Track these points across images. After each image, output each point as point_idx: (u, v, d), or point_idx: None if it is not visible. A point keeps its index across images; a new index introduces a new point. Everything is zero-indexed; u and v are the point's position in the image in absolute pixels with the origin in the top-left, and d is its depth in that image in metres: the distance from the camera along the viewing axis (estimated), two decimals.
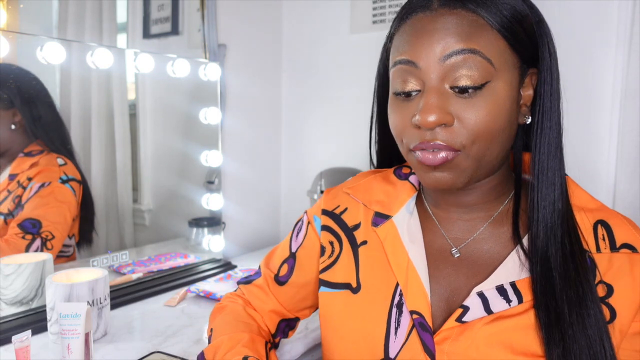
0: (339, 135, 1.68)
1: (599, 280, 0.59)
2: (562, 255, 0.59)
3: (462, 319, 0.60)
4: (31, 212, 1.10)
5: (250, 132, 1.68)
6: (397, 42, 0.63)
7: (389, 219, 0.70)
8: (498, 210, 0.66)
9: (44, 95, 1.14)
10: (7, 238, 1.07)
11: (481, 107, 0.57)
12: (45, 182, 1.13)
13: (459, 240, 0.67)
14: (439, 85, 0.58)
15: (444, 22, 0.58)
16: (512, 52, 0.59)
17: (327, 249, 0.74)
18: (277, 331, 0.81)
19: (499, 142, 0.60)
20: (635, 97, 1.19)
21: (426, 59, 0.58)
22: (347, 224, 0.74)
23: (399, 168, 0.76)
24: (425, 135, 0.58)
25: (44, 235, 1.11)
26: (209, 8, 1.44)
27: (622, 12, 1.19)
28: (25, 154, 1.12)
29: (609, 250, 0.60)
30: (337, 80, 1.67)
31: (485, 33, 0.58)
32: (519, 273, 0.61)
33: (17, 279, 1.00)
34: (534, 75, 0.63)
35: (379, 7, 1.57)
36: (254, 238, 1.69)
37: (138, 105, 1.37)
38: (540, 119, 0.62)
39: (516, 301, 0.59)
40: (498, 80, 0.58)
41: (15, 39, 1.02)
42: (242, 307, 0.80)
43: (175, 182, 1.49)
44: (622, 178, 1.22)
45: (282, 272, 0.80)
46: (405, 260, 0.66)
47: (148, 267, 1.31)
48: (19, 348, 0.74)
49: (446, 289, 0.64)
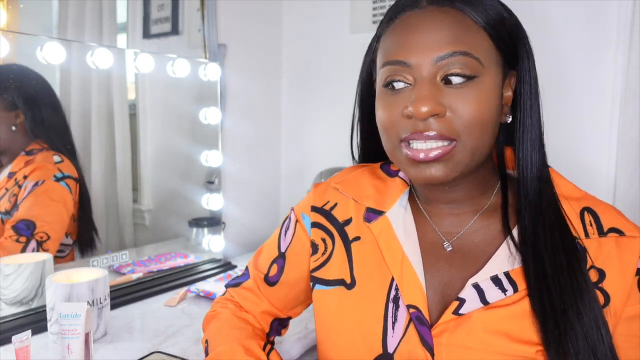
0: (339, 135, 1.67)
1: (591, 265, 0.60)
2: (552, 243, 0.60)
3: (458, 311, 0.61)
4: (25, 213, 1.09)
5: (250, 132, 1.68)
6: (386, 42, 0.64)
7: (383, 214, 0.70)
8: (486, 204, 0.68)
9: (48, 96, 1.14)
10: (1, 241, 1.06)
11: (472, 98, 0.58)
12: (39, 181, 1.12)
13: (450, 234, 0.68)
14: (431, 79, 0.59)
15: (433, 21, 0.60)
16: (497, 51, 0.62)
17: (320, 246, 0.74)
18: (271, 330, 0.81)
19: (489, 135, 0.61)
20: (635, 97, 1.19)
21: (418, 59, 0.59)
22: (337, 219, 0.74)
23: (386, 164, 0.76)
24: (417, 125, 0.59)
25: (38, 237, 1.09)
26: (209, 8, 1.44)
27: (622, 12, 1.19)
28: (26, 153, 1.12)
29: (597, 235, 0.62)
30: (337, 80, 1.67)
31: (473, 33, 0.60)
32: (511, 263, 0.62)
33: (17, 279, 1.00)
34: (513, 77, 0.65)
35: (379, 7, 1.57)
36: (254, 238, 1.69)
37: (138, 105, 1.37)
38: (521, 116, 0.64)
39: (511, 290, 0.60)
40: (485, 76, 0.60)
41: (15, 39, 1.02)
42: (233, 313, 0.80)
43: (175, 182, 1.49)
44: (622, 178, 1.22)
45: (272, 273, 0.79)
46: (400, 255, 0.66)
47: (148, 267, 1.31)
48: (19, 348, 0.74)
49: (440, 282, 0.65)
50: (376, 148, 0.75)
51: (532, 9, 1.28)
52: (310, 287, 0.78)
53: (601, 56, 1.23)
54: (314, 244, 0.75)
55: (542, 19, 1.29)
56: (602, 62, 1.23)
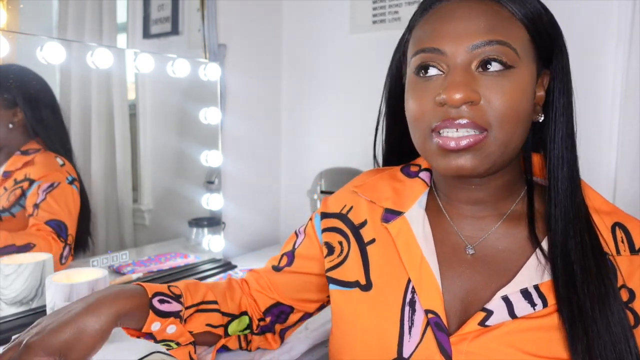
0: (339, 135, 1.68)
1: (622, 284, 0.58)
2: (582, 251, 0.58)
3: (485, 322, 0.58)
4: (53, 213, 1.11)
5: (250, 132, 1.68)
6: (420, 31, 0.62)
7: (401, 215, 0.69)
8: (510, 209, 0.65)
9: (48, 96, 1.14)
10: (44, 235, 1.08)
11: (508, 88, 0.57)
12: (55, 183, 1.13)
13: (472, 239, 0.65)
14: (466, 66, 0.58)
15: (470, 11, 0.58)
16: (533, 46, 0.60)
17: (336, 248, 0.73)
18: (269, 311, 0.80)
19: (521, 130, 0.59)
20: (635, 97, 1.19)
21: (452, 46, 0.58)
22: (353, 222, 0.73)
23: (407, 167, 0.75)
24: (450, 112, 0.57)
25: (70, 240, 1.13)
26: (209, 8, 1.44)
27: (622, 12, 1.19)
28: (22, 152, 1.12)
29: (629, 253, 0.59)
30: (337, 81, 1.67)
31: (510, 24, 0.58)
32: (540, 276, 0.60)
33: (17, 279, 1.00)
34: (546, 77, 0.63)
35: (379, 7, 1.56)
36: (254, 238, 1.69)
37: (138, 105, 1.37)
38: (554, 116, 0.62)
39: (541, 305, 0.58)
40: (522, 68, 0.58)
41: (15, 39, 1.02)
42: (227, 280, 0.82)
43: (175, 182, 1.49)
44: (622, 178, 1.22)
45: (282, 263, 0.81)
46: (419, 257, 0.64)
47: (148, 267, 1.31)
48: None
49: (460, 288, 0.63)
50: (400, 148, 0.74)
51: None
52: (321, 287, 0.78)
53: (601, 56, 1.23)
54: (329, 246, 0.74)
55: None
56: (602, 62, 1.23)
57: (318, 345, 1.01)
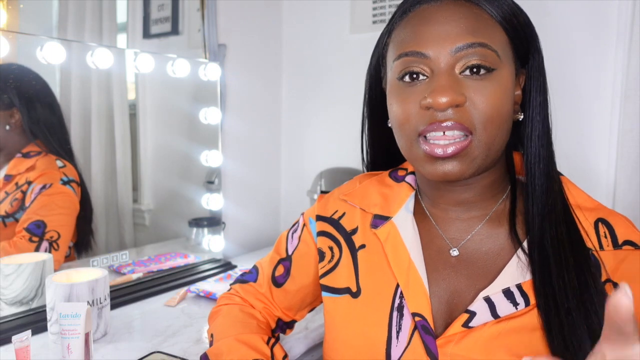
0: (339, 135, 1.68)
1: (606, 278, 0.58)
2: (558, 243, 0.59)
3: (468, 324, 0.59)
4: (35, 214, 1.10)
5: (250, 132, 1.68)
6: (400, 35, 0.62)
7: (389, 219, 0.69)
8: (493, 209, 0.66)
9: (46, 96, 1.13)
10: (15, 240, 1.07)
11: (491, 90, 0.57)
12: (47, 184, 1.12)
13: (456, 241, 0.66)
14: (450, 70, 0.58)
15: (451, 14, 0.59)
16: (511, 46, 0.61)
17: (327, 254, 0.73)
18: (276, 327, 0.82)
19: (504, 130, 0.60)
20: (635, 97, 1.19)
21: (435, 50, 0.58)
22: (345, 228, 0.73)
23: (394, 171, 0.75)
24: (436, 115, 0.57)
25: (48, 237, 1.10)
26: (209, 8, 1.44)
27: (622, 12, 1.19)
28: (23, 155, 1.11)
29: (612, 248, 0.60)
30: (337, 80, 1.67)
31: (490, 26, 0.59)
32: (523, 274, 0.60)
33: (17, 279, 1.00)
34: (522, 76, 0.65)
35: (379, 7, 1.57)
36: (254, 238, 1.69)
37: (138, 105, 1.37)
38: (531, 113, 0.63)
39: (523, 304, 0.58)
40: (503, 70, 0.59)
41: (15, 39, 1.02)
42: (239, 307, 0.80)
43: (175, 182, 1.49)
44: (622, 178, 1.22)
45: (278, 273, 0.80)
46: (407, 260, 0.65)
47: (148, 267, 1.31)
48: (19, 348, 0.74)
49: (446, 291, 0.63)
50: (386, 149, 0.74)
51: (532, 9, 1.28)
52: (316, 292, 0.79)
53: (601, 56, 1.23)
54: (320, 252, 0.74)
55: (542, 18, 1.29)
56: (602, 62, 1.23)
57: (318, 345, 1.01)
